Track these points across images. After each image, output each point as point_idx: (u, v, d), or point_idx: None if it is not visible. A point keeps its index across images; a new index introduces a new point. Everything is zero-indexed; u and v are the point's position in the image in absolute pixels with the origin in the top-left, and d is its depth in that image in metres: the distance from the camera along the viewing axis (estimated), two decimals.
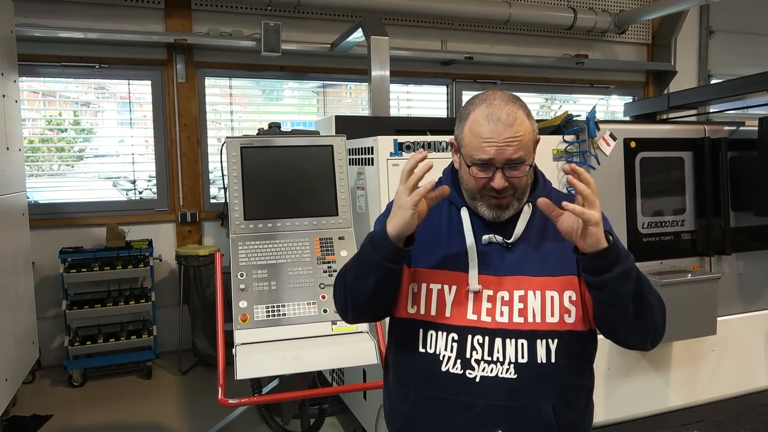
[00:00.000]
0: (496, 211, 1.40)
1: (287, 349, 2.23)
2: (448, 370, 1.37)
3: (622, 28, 6.27)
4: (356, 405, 3.04)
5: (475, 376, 1.36)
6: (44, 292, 4.46)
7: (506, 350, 1.35)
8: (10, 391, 2.77)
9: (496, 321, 1.37)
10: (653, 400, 3.04)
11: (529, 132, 1.36)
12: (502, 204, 1.39)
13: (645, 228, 3.03)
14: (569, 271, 1.39)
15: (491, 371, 1.35)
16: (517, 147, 1.33)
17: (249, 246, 2.40)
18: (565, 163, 1.30)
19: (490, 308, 1.37)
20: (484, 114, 1.35)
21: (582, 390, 1.44)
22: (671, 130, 3.19)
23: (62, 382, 4.39)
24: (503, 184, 1.35)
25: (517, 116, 1.34)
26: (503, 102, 1.36)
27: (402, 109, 5.92)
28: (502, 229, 1.42)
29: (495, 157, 1.33)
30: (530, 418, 1.35)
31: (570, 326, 1.36)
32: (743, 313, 3.26)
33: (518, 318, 1.36)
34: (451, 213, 1.48)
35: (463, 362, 1.37)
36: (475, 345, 1.37)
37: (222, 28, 5.10)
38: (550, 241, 1.42)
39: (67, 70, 4.80)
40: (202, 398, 4.11)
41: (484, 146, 1.34)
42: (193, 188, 5.11)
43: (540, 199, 1.29)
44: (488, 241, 1.42)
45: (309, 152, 2.58)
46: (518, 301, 1.37)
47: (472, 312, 1.38)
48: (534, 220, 1.44)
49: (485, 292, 1.38)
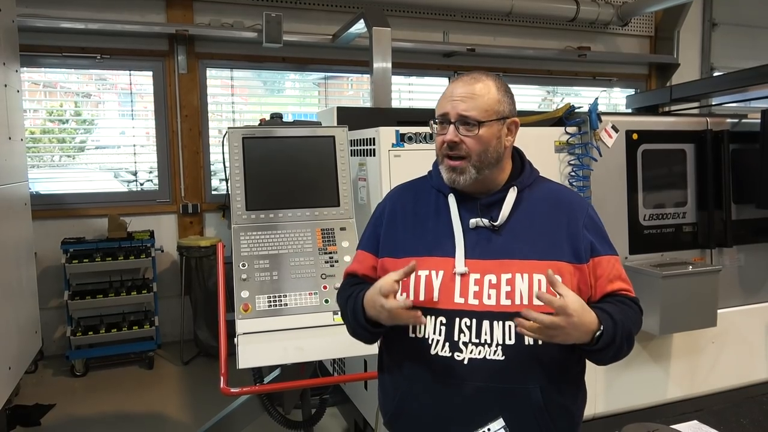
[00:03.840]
0: (451, 173, 1.44)
1: (289, 338, 2.24)
2: (437, 353, 1.39)
3: (624, 21, 6.24)
4: (357, 395, 3.05)
5: (463, 358, 1.37)
6: (46, 282, 4.47)
7: (494, 332, 1.36)
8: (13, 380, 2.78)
9: (483, 304, 1.37)
10: (653, 392, 3.05)
11: (492, 100, 1.41)
12: (455, 166, 1.42)
13: (646, 220, 3.03)
14: (557, 256, 1.40)
15: (479, 353, 1.36)
16: (470, 104, 1.39)
17: (251, 236, 2.41)
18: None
19: (477, 291, 1.38)
20: (455, 79, 1.48)
21: (571, 373, 1.44)
22: (673, 123, 3.18)
23: (64, 372, 4.41)
24: (453, 137, 1.40)
25: (480, 80, 1.43)
26: (476, 72, 1.46)
27: (404, 101, 5.91)
28: (489, 215, 1.44)
29: (449, 111, 1.41)
30: (519, 400, 1.36)
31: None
32: (744, 306, 3.26)
33: (505, 300, 1.37)
34: (438, 201, 1.51)
35: (451, 345, 1.38)
36: (463, 328, 1.38)
37: (223, 19, 5.08)
38: (538, 225, 1.43)
39: (69, 60, 4.80)
40: (204, 388, 4.13)
41: (444, 102, 1.43)
42: (194, 179, 5.11)
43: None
44: (475, 225, 1.43)
45: (311, 143, 2.58)
46: (505, 284, 1.37)
47: (459, 295, 1.39)
48: (521, 205, 1.45)
49: (472, 275, 1.39)
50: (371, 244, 1.58)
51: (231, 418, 2.72)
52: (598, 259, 1.44)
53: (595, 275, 1.44)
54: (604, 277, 1.44)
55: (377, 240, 1.56)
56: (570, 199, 1.51)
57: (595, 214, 1.50)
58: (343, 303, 1.55)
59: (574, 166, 2.89)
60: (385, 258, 1.52)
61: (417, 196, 1.56)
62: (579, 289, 1.39)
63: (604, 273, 1.44)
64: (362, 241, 1.62)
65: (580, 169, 2.87)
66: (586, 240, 1.43)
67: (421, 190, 1.57)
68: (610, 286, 1.45)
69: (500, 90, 1.43)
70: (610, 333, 1.31)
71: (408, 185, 1.63)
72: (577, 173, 2.87)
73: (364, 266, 1.57)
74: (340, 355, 2.68)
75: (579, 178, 2.87)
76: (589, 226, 1.46)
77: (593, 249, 1.44)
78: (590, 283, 1.43)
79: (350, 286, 1.56)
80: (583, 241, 1.42)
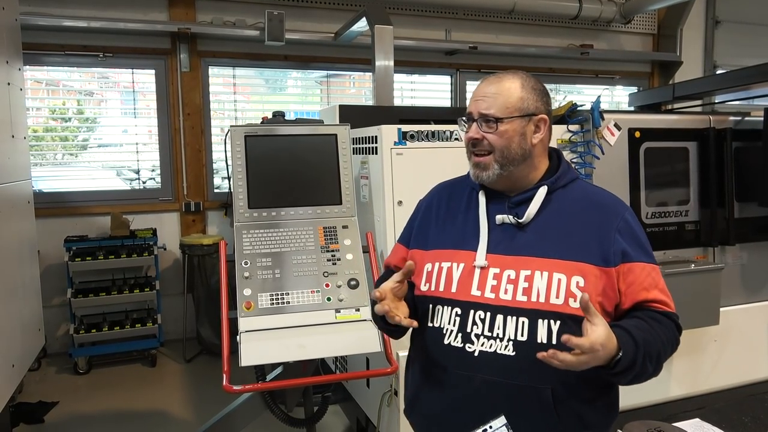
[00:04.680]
0: (476, 169, 1.48)
1: (291, 336, 2.25)
2: (449, 343, 1.42)
3: (627, 18, 6.23)
4: (359, 393, 3.06)
5: (474, 350, 1.39)
6: (49, 280, 4.48)
7: (506, 327, 1.36)
8: (17, 378, 2.79)
9: (499, 298, 1.38)
10: (655, 390, 3.05)
11: (514, 97, 1.44)
12: (479, 163, 1.47)
13: (649, 218, 3.02)
14: (582, 258, 1.37)
15: (490, 347, 1.37)
16: (490, 102, 1.44)
17: (253, 234, 2.41)
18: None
19: (495, 285, 1.40)
20: (483, 79, 1.51)
21: (590, 380, 1.35)
22: (676, 120, 3.18)
23: (67, 369, 4.43)
24: (474, 134, 1.46)
25: (504, 80, 1.47)
26: (504, 72, 1.50)
27: (406, 99, 5.90)
28: (517, 212, 1.45)
29: (472, 110, 1.47)
30: (528, 398, 1.35)
31: (574, 311, 1.32)
32: (746, 304, 3.25)
33: (521, 296, 1.36)
34: (471, 197, 1.55)
35: (463, 336, 1.40)
36: (476, 320, 1.39)
37: (226, 17, 5.08)
38: (566, 226, 1.42)
39: (71, 59, 4.81)
40: (206, 386, 4.14)
41: (470, 101, 1.50)
42: (197, 178, 5.12)
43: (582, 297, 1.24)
44: (501, 222, 1.45)
45: (313, 141, 2.58)
46: (524, 280, 1.37)
47: (476, 288, 1.41)
48: (551, 204, 1.45)
49: (492, 269, 1.41)
50: (405, 236, 1.67)
51: (233, 416, 2.72)
52: (630, 266, 1.39)
53: (625, 282, 1.39)
54: (637, 285, 1.39)
55: (411, 232, 1.64)
56: (606, 201, 1.49)
57: (633, 219, 1.46)
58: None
59: (576, 164, 2.88)
60: (414, 249, 1.60)
61: (453, 192, 1.61)
62: (605, 294, 1.37)
63: (636, 280, 1.39)
64: (401, 235, 1.71)
65: (582, 167, 2.87)
66: (618, 244, 1.39)
67: (458, 187, 1.62)
68: (643, 295, 1.39)
69: (525, 88, 1.46)
70: (630, 357, 1.26)
71: (449, 182, 1.69)
72: (579, 171, 2.87)
73: (396, 257, 1.66)
74: (343, 353, 2.69)
75: (581, 176, 2.87)
76: (624, 230, 1.42)
77: (625, 254, 1.39)
78: (619, 289, 1.39)
79: (381, 281, 1.59)
80: (613, 245, 1.38)
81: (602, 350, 1.21)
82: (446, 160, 2.40)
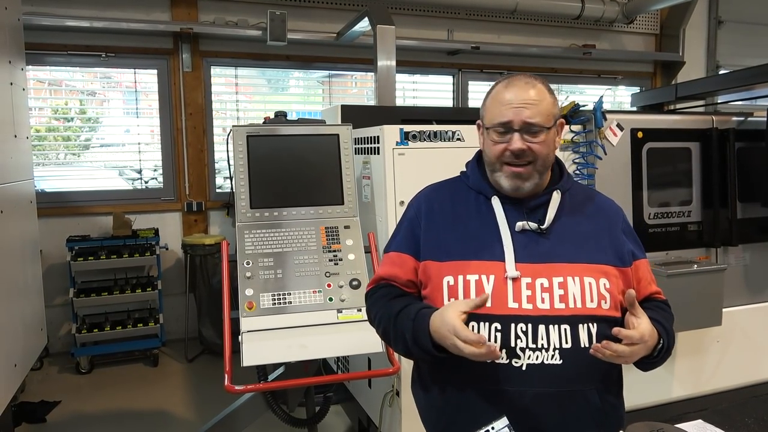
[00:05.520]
0: (515, 180, 1.41)
1: (293, 336, 2.25)
2: (493, 360, 1.32)
3: (630, 18, 6.22)
4: (361, 393, 3.05)
5: (522, 364, 1.34)
6: (52, 280, 4.49)
7: (550, 336, 1.34)
8: (19, 377, 2.79)
9: (537, 308, 1.35)
10: (658, 391, 3.04)
11: (549, 103, 1.41)
12: (521, 174, 1.40)
13: (651, 219, 3.02)
14: (604, 260, 1.41)
15: (537, 359, 1.34)
16: (534, 110, 1.37)
17: (255, 234, 2.41)
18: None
19: (530, 295, 1.36)
20: (506, 84, 1.43)
21: (615, 373, 1.46)
22: (678, 121, 3.17)
23: (69, 369, 4.43)
24: (521, 145, 1.37)
25: (536, 85, 1.41)
26: (524, 76, 1.44)
27: (408, 99, 5.90)
28: (533, 217, 1.43)
29: (513, 119, 1.38)
30: (577, 403, 1.36)
31: (606, 312, 1.38)
32: (749, 305, 3.25)
33: (560, 304, 1.36)
34: (479, 203, 1.48)
35: (508, 351, 1.35)
36: (519, 333, 1.34)
37: (228, 17, 5.09)
38: (582, 228, 1.44)
39: (74, 59, 4.81)
40: (208, 386, 4.14)
41: (503, 109, 1.39)
42: (199, 177, 5.12)
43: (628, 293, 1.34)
44: (521, 228, 1.42)
45: (315, 141, 2.57)
46: (558, 287, 1.37)
47: (513, 300, 1.36)
48: (564, 208, 1.45)
49: (523, 279, 1.37)
50: (409, 245, 1.51)
51: (235, 416, 2.72)
52: (638, 263, 1.49)
53: (636, 278, 1.47)
54: (644, 280, 1.50)
55: (416, 241, 1.50)
56: (604, 201, 1.56)
57: (626, 217, 1.56)
58: (386, 317, 1.46)
59: (578, 165, 2.88)
60: (427, 261, 1.47)
61: (454, 196, 1.53)
62: (623, 292, 1.41)
63: (643, 276, 1.50)
64: (396, 242, 1.55)
65: (584, 168, 2.86)
66: (627, 244, 1.47)
67: (456, 190, 1.54)
68: (650, 288, 1.51)
69: (550, 92, 1.45)
70: (667, 344, 1.39)
71: (439, 185, 1.60)
72: (582, 171, 2.87)
73: (405, 270, 1.50)
74: (344, 353, 2.69)
75: (583, 176, 2.86)
76: (627, 230, 1.51)
77: (633, 254, 1.48)
78: (633, 287, 1.44)
79: (391, 299, 1.49)
80: (624, 246, 1.46)
81: (650, 340, 1.31)
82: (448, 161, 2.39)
